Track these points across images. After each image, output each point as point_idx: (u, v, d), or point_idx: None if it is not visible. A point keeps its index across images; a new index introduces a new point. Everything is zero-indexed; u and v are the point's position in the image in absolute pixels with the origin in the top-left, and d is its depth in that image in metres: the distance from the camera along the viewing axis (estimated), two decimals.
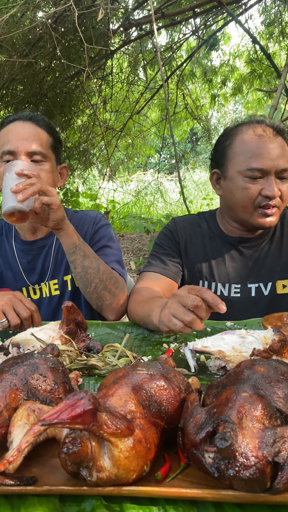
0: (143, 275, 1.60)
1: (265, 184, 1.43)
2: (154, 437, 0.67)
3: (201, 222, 1.70)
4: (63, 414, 0.57)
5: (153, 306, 1.29)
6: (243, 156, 1.46)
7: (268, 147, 1.43)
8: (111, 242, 1.68)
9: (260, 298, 1.57)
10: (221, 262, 1.61)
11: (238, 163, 1.47)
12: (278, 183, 1.44)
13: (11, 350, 1.07)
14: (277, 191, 1.42)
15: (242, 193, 1.47)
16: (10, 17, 3.32)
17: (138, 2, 4.26)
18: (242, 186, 1.46)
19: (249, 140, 1.46)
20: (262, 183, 1.44)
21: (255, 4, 4.53)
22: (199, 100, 6.44)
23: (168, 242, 1.67)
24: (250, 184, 1.45)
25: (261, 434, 0.61)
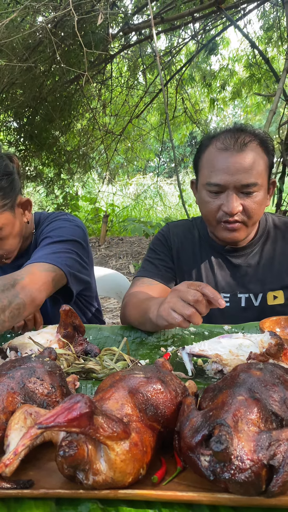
0: (136, 280, 1.60)
1: (225, 199, 1.40)
2: (150, 441, 0.68)
3: (193, 229, 1.69)
4: (59, 418, 0.57)
5: (150, 304, 1.29)
6: (206, 170, 1.43)
7: (228, 162, 1.37)
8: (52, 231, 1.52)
9: (250, 308, 1.56)
10: (210, 271, 1.61)
11: (203, 177, 1.45)
12: (242, 198, 1.39)
13: (9, 354, 1.07)
14: (236, 207, 1.38)
15: (205, 207, 1.47)
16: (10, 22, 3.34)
17: (138, 7, 4.29)
18: (204, 199, 1.45)
19: (213, 154, 1.42)
20: (222, 198, 1.41)
21: (254, 9, 4.56)
22: (198, 104, 6.47)
23: (161, 247, 1.67)
24: (211, 198, 1.43)
25: (256, 437, 0.61)
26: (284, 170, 3.79)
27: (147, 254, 1.70)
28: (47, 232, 1.52)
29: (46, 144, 5.20)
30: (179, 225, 1.72)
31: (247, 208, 1.40)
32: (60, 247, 1.44)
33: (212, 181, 1.40)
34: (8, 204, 1.38)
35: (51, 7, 3.77)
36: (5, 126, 5.17)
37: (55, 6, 3.67)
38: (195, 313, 1.05)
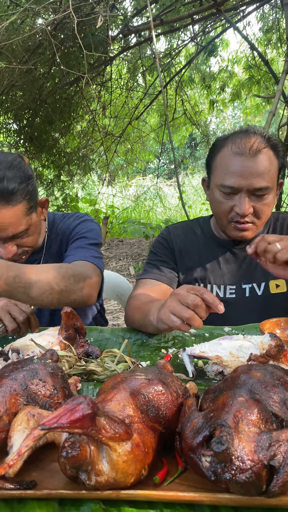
0: (139, 283, 1.63)
1: (237, 201, 1.46)
2: (152, 441, 0.68)
3: (195, 228, 1.75)
4: (62, 419, 0.58)
5: (151, 306, 1.31)
6: (221, 171, 1.49)
7: (243, 166, 1.43)
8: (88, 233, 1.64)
9: (254, 298, 1.61)
10: (216, 265, 1.66)
11: (217, 177, 1.51)
12: (253, 200, 1.46)
13: (11, 356, 1.07)
14: (248, 209, 1.44)
15: (218, 206, 1.53)
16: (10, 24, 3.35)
17: (137, 9, 4.30)
18: (218, 199, 1.51)
19: (227, 157, 1.47)
20: (235, 200, 1.47)
21: (253, 11, 4.57)
22: (198, 106, 6.48)
23: (162, 250, 1.71)
24: (224, 199, 1.49)
25: (257, 438, 0.62)
26: (284, 172, 3.80)
27: (148, 257, 1.73)
28: (83, 231, 1.64)
29: (46, 146, 5.21)
30: (179, 227, 1.77)
31: (258, 210, 1.47)
32: (98, 251, 1.60)
33: (226, 183, 1.45)
34: (34, 206, 1.49)
35: (51, 10, 3.78)
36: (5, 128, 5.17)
37: (55, 8, 3.68)
38: (193, 316, 1.06)
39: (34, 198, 1.48)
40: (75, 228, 1.67)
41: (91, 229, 1.66)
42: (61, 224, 1.71)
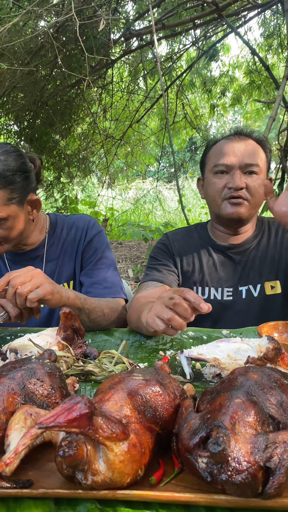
0: (142, 286, 1.66)
1: (230, 177, 1.56)
2: (149, 442, 0.68)
3: (193, 233, 1.80)
4: (59, 418, 0.58)
5: (144, 309, 1.32)
6: (214, 157, 1.62)
7: (233, 146, 1.58)
8: (106, 251, 1.70)
9: (251, 300, 1.65)
10: (213, 268, 1.70)
11: (210, 164, 1.64)
12: (245, 178, 1.56)
13: (9, 355, 1.08)
14: (241, 183, 1.54)
15: (211, 188, 1.62)
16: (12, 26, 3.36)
17: (139, 13, 4.32)
18: (211, 181, 1.62)
19: (219, 144, 1.63)
20: (227, 178, 1.58)
21: (255, 16, 4.59)
22: (198, 110, 6.49)
23: (162, 254, 1.75)
24: (217, 179, 1.60)
25: (253, 439, 0.62)
26: (283, 176, 3.81)
27: (149, 262, 1.77)
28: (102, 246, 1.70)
29: (46, 147, 5.22)
30: (177, 233, 1.83)
31: (250, 186, 1.56)
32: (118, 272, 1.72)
33: (220, 162, 1.58)
34: (17, 199, 1.47)
35: (53, 12, 3.80)
36: (5, 130, 5.18)
37: (57, 11, 3.69)
38: (174, 317, 1.07)
39: (20, 192, 1.47)
40: (93, 239, 1.70)
41: (107, 245, 1.73)
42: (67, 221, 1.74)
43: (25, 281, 1.22)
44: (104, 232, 1.77)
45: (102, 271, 1.65)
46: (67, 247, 1.69)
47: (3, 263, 1.71)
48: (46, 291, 1.24)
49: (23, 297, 1.21)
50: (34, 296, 1.21)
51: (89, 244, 1.69)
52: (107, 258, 1.69)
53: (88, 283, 1.65)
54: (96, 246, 1.69)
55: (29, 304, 1.22)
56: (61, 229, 1.72)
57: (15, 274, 1.24)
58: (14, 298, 1.23)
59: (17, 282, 1.21)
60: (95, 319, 1.46)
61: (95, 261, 1.67)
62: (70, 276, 1.70)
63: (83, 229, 1.71)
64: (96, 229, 1.73)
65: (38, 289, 1.23)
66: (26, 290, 1.20)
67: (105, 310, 1.50)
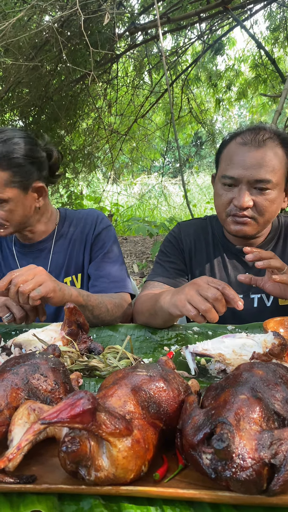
0: (148, 284, 1.61)
1: (237, 193, 1.41)
2: (152, 438, 0.68)
3: (207, 228, 1.69)
4: (62, 413, 0.58)
5: (163, 293, 1.32)
6: (224, 163, 1.46)
7: (244, 156, 1.39)
8: (113, 246, 1.70)
9: (263, 309, 1.56)
10: (224, 272, 1.61)
11: (220, 170, 1.48)
12: (254, 194, 1.40)
13: (13, 351, 1.08)
14: (246, 201, 1.38)
15: (217, 199, 1.49)
16: (17, 21, 3.35)
17: (144, 7, 4.29)
18: (218, 192, 1.48)
19: (232, 148, 1.44)
20: (234, 192, 1.42)
21: (261, 9, 4.55)
22: (204, 104, 6.46)
23: (172, 250, 1.67)
24: (224, 191, 1.45)
25: (258, 436, 0.62)
26: None
27: (158, 256, 1.70)
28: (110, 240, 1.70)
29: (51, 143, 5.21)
30: (191, 225, 1.72)
31: (259, 204, 1.40)
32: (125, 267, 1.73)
33: (227, 174, 1.42)
34: (19, 182, 1.49)
35: (57, 7, 3.78)
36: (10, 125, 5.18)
37: (62, 5, 3.67)
38: (211, 310, 1.06)
39: (24, 176, 1.49)
40: (101, 233, 1.70)
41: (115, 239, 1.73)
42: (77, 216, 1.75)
43: (27, 279, 1.23)
44: (113, 227, 1.77)
45: (109, 265, 1.65)
46: (76, 241, 1.70)
47: (12, 254, 1.72)
48: (48, 288, 1.24)
49: (26, 295, 1.21)
50: (36, 294, 1.21)
51: (97, 237, 1.69)
52: (114, 252, 1.69)
53: (94, 277, 1.66)
54: (104, 240, 1.69)
55: (32, 302, 1.22)
56: (70, 222, 1.73)
57: (17, 273, 1.24)
58: (16, 297, 1.23)
59: (19, 280, 1.21)
60: (99, 315, 1.46)
61: (102, 255, 1.67)
62: (79, 269, 1.71)
63: (92, 223, 1.71)
64: (104, 223, 1.73)
65: (41, 287, 1.23)
66: (28, 288, 1.21)
67: (108, 306, 1.50)
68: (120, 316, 1.53)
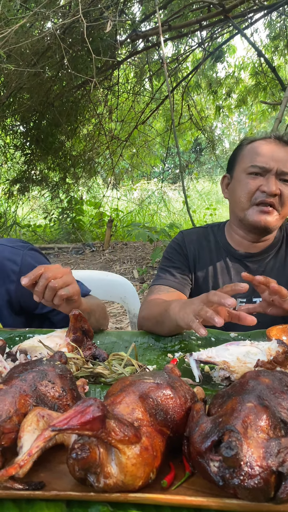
0: (153, 289, 1.61)
1: (265, 181, 1.49)
2: (160, 445, 0.68)
3: (209, 236, 1.71)
4: (72, 420, 0.58)
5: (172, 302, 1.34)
6: (249, 157, 1.53)
7: (273, 149, 1.50)
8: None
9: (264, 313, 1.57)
10: (227, 277, 1.63)
11: (244, 163, 1.54)
12: (280, 184, 1.48)
13: (19, 357, 1.08)
14: (275, 189, 1.46)
15: (242, 189, 1.53)
16: (20, 28, 3.37)
17: (146, 15, 4.33)
18: (243, 181, 1.53)
19: (256, 144, 1.54)
20: (261, 181, 1.50)
21: (261, 18, 4.59)
22: (204, 111, 6.50)
23: (176, 256, 1.68)
24: (251, 180, 1.51)
25: (265, 444, 0.62)
26: None
27: (161, 263, 1.71)
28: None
29: (52, 148, 5.24)
30: (193, 233, 1.74)
31: (284, 194, 1.49)
32: None
33: (256, 163, 1.50)
34: None
35: (60, 14, 3.81)
36: (11, 130, 5.20)
37: (64, 12, 3.71)
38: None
39: None
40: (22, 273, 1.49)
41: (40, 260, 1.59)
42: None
43: (57, 276, 1.22)
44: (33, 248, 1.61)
45: None
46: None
47: None
48: (75, 290, 1.25)
49: (54, 292, 1.21)
50: (65, 293, 1.21)
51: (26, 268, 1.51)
52: None
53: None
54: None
55: (57, 300, 1.21)
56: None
57: (48, 268, 1.23)
58: (43, 291, 1.22)
59: (50, 275, 1.21)
60: (99, 318, 1.47)
61: None
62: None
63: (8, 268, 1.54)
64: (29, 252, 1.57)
65: (69, 287, 1.23)
66: (58, 285, 1.20)
67: (101, 306, 1.52)
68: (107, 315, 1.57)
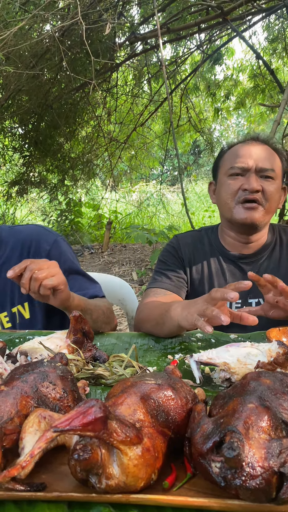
0: (149, 292, 1.62)
1: (245, 180, 1.53)
2: (161, 446, 0.68)
3: (203, 238, 1.74)
4: (74, 421, 0.58)
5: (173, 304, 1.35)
6: (229, 161, 1.59)
7: (250, 149, 1.56)
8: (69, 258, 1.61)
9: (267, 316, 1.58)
10: (222, 279, 1.64)
11: (225, 167, 1.61)
12: (261, 181, 1.53)
13: (19, 358, 1.08)
14: (256, 185, 1.50)
15: (225, 190, 1.58)
16: (18, 30, 3.38)
17: (144, 17, 4.33)
18: (225, 183, 1.58)
19: (235, 148, 1.61)
20: (242, 180, 1.54)
21: (259, 21, 4.61)
22: (202, 113, 6.51)
23: (172, 259, 1.70)
24: (232, 181, 1.56)
25: (267, 444, 0.62)
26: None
27: (157, 266, 1.73)
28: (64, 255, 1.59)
29: (51, 150, 5.24)
30: (188, 236, 1.77)
31: (266, 190, 1.53)
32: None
33: (236, 165, 1.55)
34: None
35: (58, 16, 3.81)
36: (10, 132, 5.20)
37: (63, 15, 3.71)
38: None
39: None
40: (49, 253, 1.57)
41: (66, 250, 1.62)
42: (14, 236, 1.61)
43: (42, 268, 1.25)
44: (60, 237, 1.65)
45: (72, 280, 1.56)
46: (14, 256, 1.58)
47: None
48: (61, 280, 1.27)
49: (39, 282, 1.23)
50: (50, 283, 1.24)
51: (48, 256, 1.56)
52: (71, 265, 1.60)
53: None
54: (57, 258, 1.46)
55: (43, 290, 1.24)
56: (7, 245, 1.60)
57: (33, 261, 1.26)
58: (29, 283, 1.24)
59: (35, 267, 1.24)
60: (97, 319, 1.47)
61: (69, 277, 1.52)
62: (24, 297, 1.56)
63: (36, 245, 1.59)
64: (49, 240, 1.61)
65: (54, 277, 1.25)
66: (42, 276, 1.23)
67: (103, 309, 1.51)
68: (112, 320, 1.54)
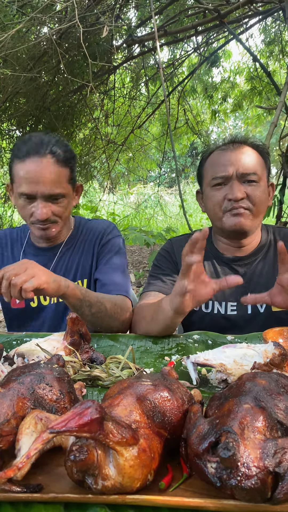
0: (144, 295, 1.63)
1: (229, 189, 1.52)
2: (158, 447, 0.69)
3: None
4: (70, 423, 0.59)
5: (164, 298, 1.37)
6: (211, 170, 1.58)
7: (229, 155, 1.54)
8: (117, 254, 1.74)
9: (256, 315, 1.59)
10: None
11: (207, 178, 1.60)
12: (245, 187, 1.51)
13: (16, 360, 1.08)
14: (240, 194, 1.49)
15: (211, 202, 1.58)
16: (16, 33, 3.38)
17: (141, 20, 4.35)
18: (210, 194, 1.58)
19: (215, 156, 1.59)
20: (226, 189, 1.53)
21: (256, 23, 4.62)
22: (200, 116, 6.52)
23: (166, 263, 1.71)
24: (216, 191, 1.55)
25: (262, 445, 0.63)
26: (285, 182, 3.82)
27: (151, 271, 1.74)
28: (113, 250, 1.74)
29: None
30: (182, 239, 1.77)
31: (251, 195, 1.51)
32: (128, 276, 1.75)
33: (217, 175, 1.54)
34: (72, 180, 1.62)
35: (56, 19, 3.82)
36: (8, 135, 5.20)
37: (60, 17, 3.72)
38: None
39: (74, 175, 1.63)
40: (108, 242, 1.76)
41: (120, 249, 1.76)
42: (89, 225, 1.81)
43: (19, 273, 1.23)
44: (121, 237, 1.81)
45: (110, 273, 1.68)
46: (85, 249, 1.75)
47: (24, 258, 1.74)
48: (41, 280, 1.25)
49: (18, 288, 1.21)
50: (29, 285, 1.22)
51: (104, 246, 1.74)
52: (116, 260, 1.72)
53: (98, 285, 1.68)
54: (109, 249, 1.73)
55: (24, 295, 1.22)
56: (82, 231, 1.79)
57: (7, 268, 1.25)
58: (9, 291, 1.23)
59: (11, 273, 1.22)
60: (97, 313, 1.47)
61: (105, 262, 1.70)
62: (85, 274, 1.74)
63: (100, 233, 1.76)
64: (112, 233, 1.78)
65: (33, 279, 1.24)
66: (20, 281, 1.21)
67: (107, 305, 1.50)
68: (119, 317, 1.53)
